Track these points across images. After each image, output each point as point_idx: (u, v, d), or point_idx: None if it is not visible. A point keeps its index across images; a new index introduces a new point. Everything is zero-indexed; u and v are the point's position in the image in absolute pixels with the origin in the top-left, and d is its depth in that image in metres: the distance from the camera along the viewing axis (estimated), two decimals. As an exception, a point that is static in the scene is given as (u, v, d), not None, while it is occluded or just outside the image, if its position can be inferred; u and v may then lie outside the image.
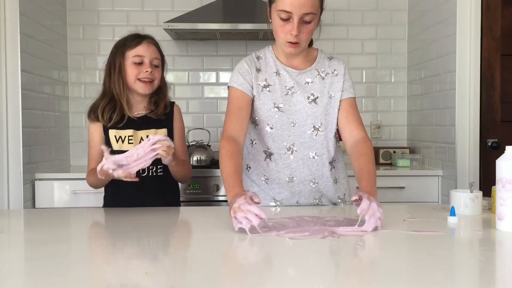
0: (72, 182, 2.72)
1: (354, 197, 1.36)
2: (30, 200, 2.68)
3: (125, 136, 1.82)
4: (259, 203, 1.34)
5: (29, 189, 2.67)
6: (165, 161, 1.66)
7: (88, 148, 1.88)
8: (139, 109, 1.87)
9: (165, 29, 2.97)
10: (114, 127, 1.82)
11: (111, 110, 1.81)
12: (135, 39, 1.83)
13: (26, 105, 2.60)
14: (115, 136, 1.82)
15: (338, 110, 1.72)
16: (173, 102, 1.96)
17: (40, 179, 2.73)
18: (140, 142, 1.81)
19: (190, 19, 2.97)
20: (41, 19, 2.83)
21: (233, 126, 1.64)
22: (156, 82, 1.84)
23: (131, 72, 1.80)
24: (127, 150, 1.75)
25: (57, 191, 2.73)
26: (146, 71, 1.79)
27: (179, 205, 1.97)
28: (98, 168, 1.56)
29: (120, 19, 3.30)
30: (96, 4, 3.30)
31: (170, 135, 1.87)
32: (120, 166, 1.53)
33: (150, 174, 1.83)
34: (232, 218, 1.31)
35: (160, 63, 1.86)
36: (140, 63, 1.80)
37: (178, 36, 3.16)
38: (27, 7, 2.62)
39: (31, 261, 1.09)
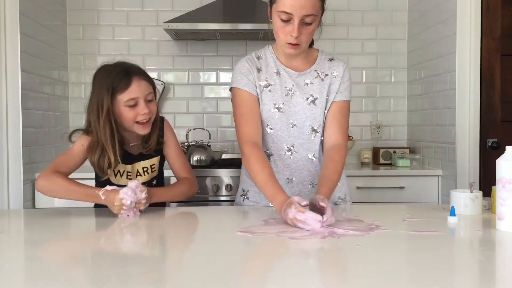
0: (72, 182, 2.72)
1: (322, 204, 1.38)
2: (30, 200, 2.68)
3: (124, 171, 1.74)
4: (307, 204, 1.37)
5: (29, 189, 2.67)
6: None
7: (65, 153, 1.70)
8: (135, 140, 1.76)
9: (165, 29, 2.97)
10: (110, 167, 1.70)
11: (104, 160, 1.66)
12: (123, 78, 1.64)
13: (26, 105, 2.60)
14: (113, 170, 1.72)
15: (327, 111, 1.72)
16: (163, 118, 1.83)
17: (40, 179, 2.72)
18: (136, 175, 1.76)
19: (190, 19, 2.97)
20: (41, 19, 2.83)
21: (252, 130, 1.64)
22: (153, 117, 1.72)
23: (127, 116, 1.65)
24: (125, 185, 1.68)
25: (57, 191, 2.72)
26: (144, 114, 1.65)
27: (165, 205, 1.94)
28: (109, 188, 1.56)
29: (120, 19, 3.30)
30: (96, 4, 3.30)
31: (163, 156, 1.82)
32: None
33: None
34: (293, 224, 1.34)
35: (153, 95, 1.71)
36: (135, 105, 1.65)
37: (178, 36, 3.16)
38: (27, 7, 2.62)
39: (31, 261, 1.09)
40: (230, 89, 1.73)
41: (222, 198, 2.78)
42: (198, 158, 2.88)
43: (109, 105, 1.63)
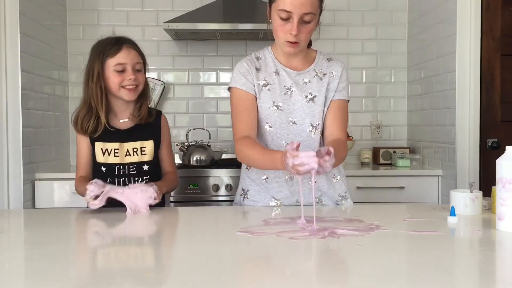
0: (72, 182, 2.67)
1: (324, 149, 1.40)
2: (30, 200, 2.68)
3: (111, 149, 1.79)
4: (299, 144, 1.40)
5: (29, 189, 2.67)
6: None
7: (77, 156, 1.85)
8: (124, 116, 1.83)
9: (165, 29, 2.97)
10: (100, 139, 1.79)
11: (89, 120, 1.77)
12: (114, 45, 1.76)
13: (26, 105, 2.60)
14: (101, 148, 1.79)
15: (327, 109, 1.73)
16: (160, 112, 1.92)
17: (40, 179, 2.73)
18: (126, 154, 1.80)
19: (190, 19, 2.97)
20: (41, 19, 2.83)
21: (244, 127, 1.66)
22: (141, 87, 1.79)
23: (114, 80, 1.75)
24: (112, 163, 1.77)
25: (57, 191, 2.73)
26: (130, 79, 1.75)
27: (164, 205, 1.95)
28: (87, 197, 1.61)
29: (120, 19, 3.30)
30: (96, 4, 3.30)
31: (157, 144, 1.85)
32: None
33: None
34: (297, 173, 1.37)
35: (142, 66, 1.81)
36: (123, 71, 1.75)
37: (178, 36, 3.16)
38: (27, 7, 2.62)
39: (31, 261, 1.09)
40: (229, 89, 1.74)
41: (222, 198, 2.78)
42: (198, 158, 2.88)
43: (99, 69, 1.75)
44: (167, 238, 1.36)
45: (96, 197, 1.59)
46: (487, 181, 2.57)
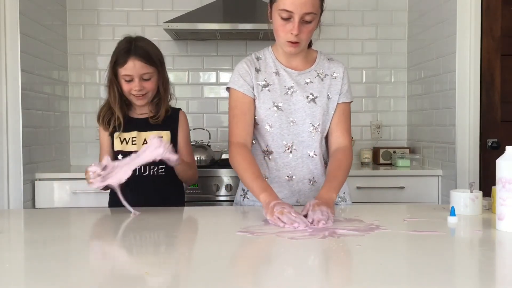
0: (72, 182, 2.72)
1: (303, 213, 1.43)
2: (30, 200, 2.68)
3: (129, 138, 1.85)
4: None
5: (29, 189, 2.67)
6: (171, 162, 1.66)
7: (99, 148, 1.93)
8: (143, 110, 1.90)
9: (165, 29, 2.97)
10: (119, 129, 1.86)
11: (110, 117, 1.87)
12: (124, 54, 1.80)
13: (26, 105, 2.60)
14: (119, 138, 1.86)
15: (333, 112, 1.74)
16: (179, 109, 1.97)
17: (40, 179, 2.73)
18: (143, 143, 1.83)
19: (190, 19, 2.97)
20: (41, 19, 2.83)
21: (240, 132, 1.67)
22: (150, 94, 1.85)
23: (124, 87, 1.83)
24: (129, 151, 1.78)
25: (57, 191, 2.73)
26: (135, 90, 1.81)
27: (184, 204, 1.98)
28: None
29: (120, 19, 3.30)
30: (96, 4, 3.30)
31: (174, 137, 1.88)
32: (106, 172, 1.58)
33: (151, 174, 1.84)
34: (273, 217, 1.38)
35: (152, 75, 1.83)
36: (130, 80, 1.81)
37: (178, 36, 3.16)
38: (27, 7, 2.62)
39: (31, 261, 1.09)
40: (227, 89, 1.74)
41: (222, 198, 2.78)
42: (198, 158, 2.88)
43: (111, 76, 1.84)
44: (167, 237, 1.36)
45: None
46: (487, 181, 2.56)
